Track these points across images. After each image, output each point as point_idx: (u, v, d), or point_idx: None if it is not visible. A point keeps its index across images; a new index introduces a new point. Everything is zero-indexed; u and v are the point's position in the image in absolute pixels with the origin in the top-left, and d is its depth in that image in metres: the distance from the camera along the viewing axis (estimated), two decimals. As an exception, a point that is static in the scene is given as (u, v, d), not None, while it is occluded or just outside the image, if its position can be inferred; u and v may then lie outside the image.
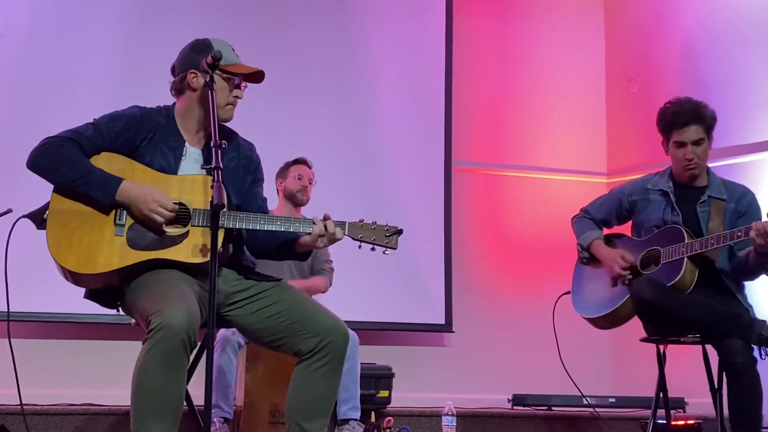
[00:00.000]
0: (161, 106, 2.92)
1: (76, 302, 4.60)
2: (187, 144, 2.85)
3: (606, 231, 3.84)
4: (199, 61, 2.80)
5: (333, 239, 2.74)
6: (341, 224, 2.76)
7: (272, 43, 5.27)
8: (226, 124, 2.93)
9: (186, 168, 2.82)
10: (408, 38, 5.74)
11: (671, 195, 3.56)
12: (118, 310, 2.83)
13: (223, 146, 2.65)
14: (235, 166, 2.91)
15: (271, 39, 5.29)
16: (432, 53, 5.76)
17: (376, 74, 5.60)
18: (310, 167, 4.52)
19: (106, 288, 2.79)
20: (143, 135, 2.81)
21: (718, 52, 5.50)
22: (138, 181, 2.75)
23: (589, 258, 3.78)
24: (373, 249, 2.77)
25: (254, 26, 5.30)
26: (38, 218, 2.76)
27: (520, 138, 6.06)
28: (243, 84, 2.88)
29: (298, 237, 2.79)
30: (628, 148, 6.05)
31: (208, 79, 2.74)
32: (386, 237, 2.76)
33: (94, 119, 2.83)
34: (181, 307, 2.52)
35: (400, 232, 2.78)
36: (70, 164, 2.70)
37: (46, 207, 2.76)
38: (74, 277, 2.73)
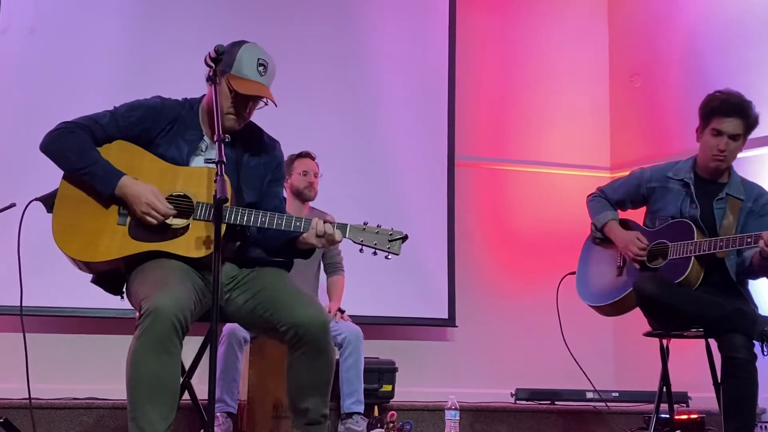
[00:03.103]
0: (187, 98, 2.91)
1: (80, 297, 4.65)
2: (205, 137, 2.84)
3: (619, 215, 3.80)
4: (223, 56, 2.79)
5: (331, 241, 2.71)
6: (342, 227, 2.72)
7: (275, 40, 5.23)
8: (254, 121, 2.92)
9: (200, 161, 2.82)
10: (411, 33, 5.73)
11: (692, 187, 3.53)
12: (122, 298, 2.83)
13: (226, 140, 2.66)
14: (256, 164, 2.90)
15: (275, 35, 5.27)
16: (435, 48, 5.76)
17: (378, 69, 5.60)
18: (314, 159, 4.49)
19: (112, 274, 2.79)
20: (161, 126, 2.81)
21: (722, 46, 5.48)
22: (146, 171, 2.75)
23: (601, 238, 3.75)
24: (375, 254, 2.72)
25: (257, 22, 5.30)
26: (49, 202, 2.77)
27: (523, 132, 6.05)
28: (256, 101, 2.83)
29: (299, 235, 2.77)
30: (631, 142, 6.04)
31: (210, 73, 2.74)
32: (389, 242, 2.70)
33: (114, 107, 2.84)
34: (170, 293, 2.53)
35: (405, 237, 2.71)
36: (77, 152, 2.72)
37: (57, 191, 2.77)
38: (78, 263, 2.74)
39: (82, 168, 2.71)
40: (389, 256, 2.72)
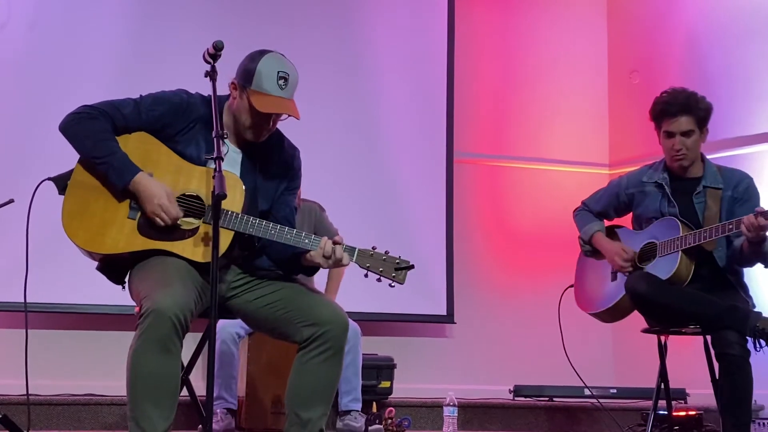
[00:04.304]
0: (211, 95, 2.82)
1: (79, 293, 4.66)
2: (227, 141, 2.79)
3: (607, 223, 3.84)
4: (242, 69, 2.76)
5: (338, 263, 2.70)
6: (351, 250, 2.71)
7: (274, 37, 5.24)
8: (278, 127, 2.88)
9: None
10: (410, 29, 5.72)
11: (666, 187, 3.56)
12: (123, 288, 2.82)
13: (226, 136, 2.66)
14: (274, 172, 2.88)
15: (273, 32, 5.27)
16: (434, 44, 5.75)
17: (377, 65, 5.59)
18: None
19: (117, 262, 2.77)
20: (184, 124, 2.78)
21: (721, 43, 5.48)
22: (162, 166, 2.73)
23: (591, 251, 3.78)
24: (379, 280, 2.72)
25: (256, 21, 5.29)
26: (61, 183, 2.75)
27: (522, 129, 6.05)
28: (279, 115, 2.79)
29: (307, 251, 2.73)
30: (630, 139, 6.03)
31: (209, 69, 2.73)
32: (395, 271, 2.71)
33: (141, 95, 2.81)
34: (171, 293, 2.52)
35: (410, 267, 2.71)
36: (95, 140, 2.70)
37: (70, 173, 2.75)
38: (85, 252, 2.73)
39: (98, 157, 2.69)
40: (393, 284, 2.72)
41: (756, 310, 3.40)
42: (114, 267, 2.80)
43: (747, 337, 3.21)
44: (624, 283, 3.54)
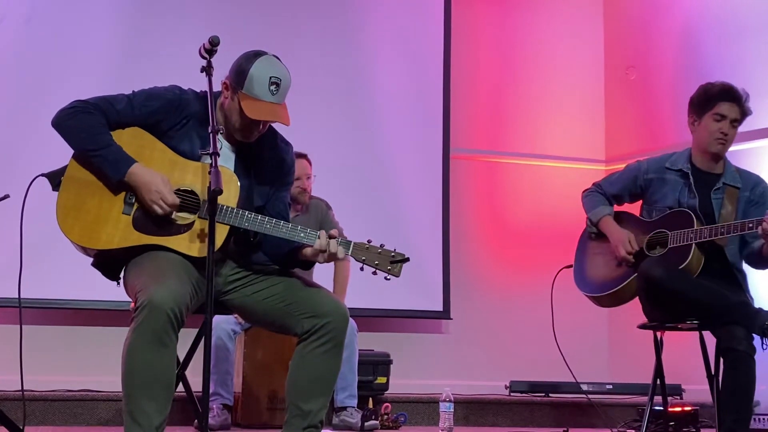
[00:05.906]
0: (204, 91, 2.80)
1: (74, 289, 4.66)
2: (220, 136, 2.77)
3: (615, 208, 3.79)
4: (234, 70, 2.74)
5: (333, 258, 2.70)
6: (346, 244, 2.71)
7: (271, 31, 5.26)
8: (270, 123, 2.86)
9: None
10: (407, 25, 5.73)
11: (691, 177, 3.53)
12: (118, 284, 2.81)
13: (221, 131, 2.67)
14: (268, 168, 2.88)
15: (270, 27, 5.28)
16: (431, 40, 5.75)
17: (374, 61, 5.59)
18: (305, 157, 4.39)
19: (112, 259, 2.77)
20: (176, 120, 2.77)
21: (717, 39, 5.48)
22: (156, 161, 2.73)
23: (597, 233, 3.74)
24: (374, 273, 2.73)
25: (252, 17, 5.29)
26: (55, 179, 2.73)
27: (518, 125, 6.06)
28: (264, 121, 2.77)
29: (302, 246, 2.73)
30: (626, 135, 6.04)
31: (205, 64, 2.72)
32: (390, 264, 2.71)
33: (134, 91, 2.80)
34: (166, 286, 2.52)
35: (405, 260, 2.72)
36: (90, 133, 2.69)
37: (64, 169, 2.74)
38: (79, 247, 2.73)
39: (93, 150, 2.68)
40: (389, 277, 2.72)
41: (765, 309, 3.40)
42: (109, 263, 2.79)
43: (754, 335, 3.21)
44: (632, 270, 3.49)
